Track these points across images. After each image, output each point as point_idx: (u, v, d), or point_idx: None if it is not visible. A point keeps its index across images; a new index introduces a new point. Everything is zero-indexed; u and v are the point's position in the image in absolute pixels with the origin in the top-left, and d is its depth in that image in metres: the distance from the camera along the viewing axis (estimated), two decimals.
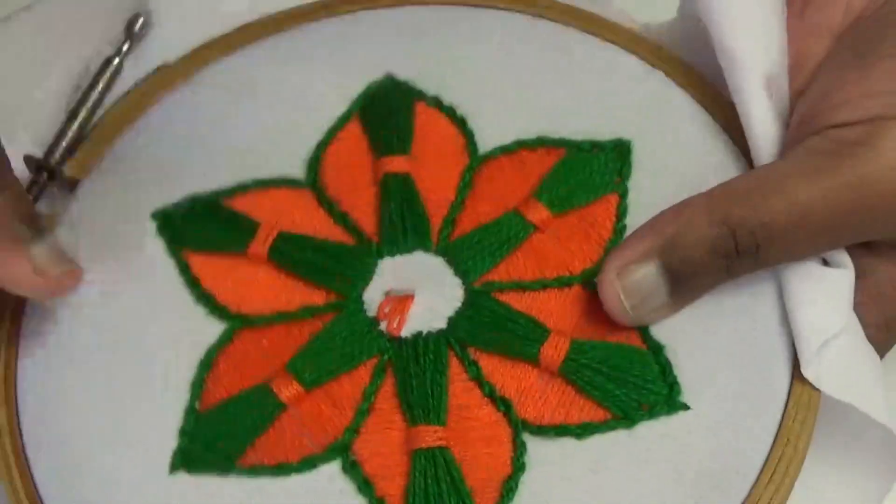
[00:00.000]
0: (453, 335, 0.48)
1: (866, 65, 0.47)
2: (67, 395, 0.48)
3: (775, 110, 0.50)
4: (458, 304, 0.49)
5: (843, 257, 0.48)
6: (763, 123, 0.50)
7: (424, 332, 0.48)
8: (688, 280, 0.47)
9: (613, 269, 0.47)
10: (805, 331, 0.46)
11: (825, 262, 0.48)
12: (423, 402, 0.46)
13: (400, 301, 0.49)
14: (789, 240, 0.46)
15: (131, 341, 0.49)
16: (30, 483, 0.47)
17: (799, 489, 0.46)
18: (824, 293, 0.47)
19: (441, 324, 0.48)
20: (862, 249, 0.49)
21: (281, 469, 0.46)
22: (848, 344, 0.46)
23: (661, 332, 0.48)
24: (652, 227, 0.47)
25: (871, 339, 0.48)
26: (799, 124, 0.48)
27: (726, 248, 0.46)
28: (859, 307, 0.48)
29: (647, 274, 0.46)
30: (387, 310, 0.49)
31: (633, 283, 0.47)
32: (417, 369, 0.47)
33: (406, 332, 0.48)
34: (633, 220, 0.50)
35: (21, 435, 0.48)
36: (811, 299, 0.47)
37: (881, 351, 0.50)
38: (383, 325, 0.48)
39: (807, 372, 0.46)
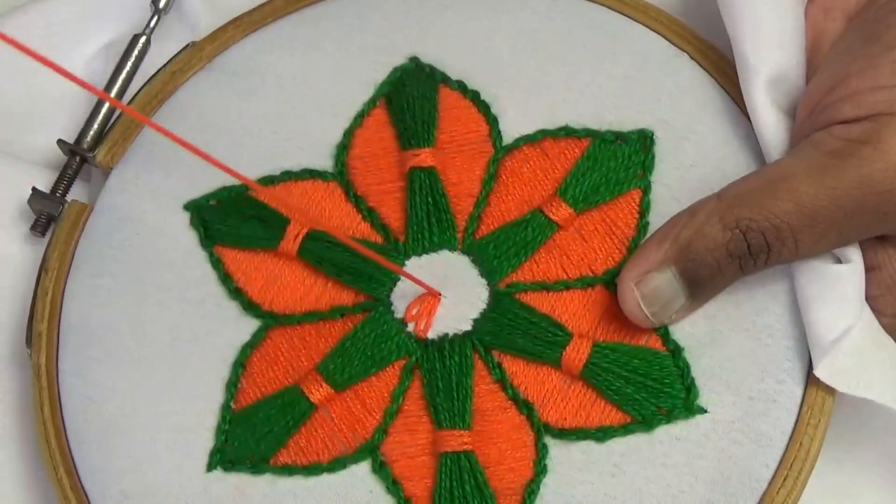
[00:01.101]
0: (478, 337, 0.49)
1: (871, 55, 0.47)
2: (106, 391, 0.50)
3: (782, 109, 0.50)
4: (483, 306, 0.50)
5: (853, 251, 0.48)
6: (767, 126, 0.50)
7: (450, 333, 0.50)
8: (704, 283, 0.48)
9: (631, 278, 0.48)
10: (815, 330, 0.47)
11: (836, 258, 0.49)
12: (449, 406, 0.48)
13: (427, 303, 0.50)
14: (799, 239, 0.47)
15: (168, 337, 0.51)
16: (75, 479, 0.49)
17: (825, 489, 0.48)
18: (833, 290, 0.48)
19: (466, 326, 0.50)
20: (875, 242, 0.49)
21: (312, 469, 0.48)
22: (861, 339, 0.47)
23: (680, 334, 0.49)
24: (666, 233, 0.48)
25: (891, 329, 0.49)
26: (806, 117, 0.49)
27: (739, 250, 0.47)
28: (876, 300, 0.49)
29: (664, 281, 0.48)
30: (414, 311, 0.50)
31: (652, 291, 0.48)
32: (444, 371, 0.49)
33: (433, 333, 0.50)
34: (656, 217, 0.51)
35: (65, 433, 0.50)
36: (820, 297, 0.48)
37: None
38: (411, 327, 0.50)
39: (819, 371, 0.47)
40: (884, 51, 0.47)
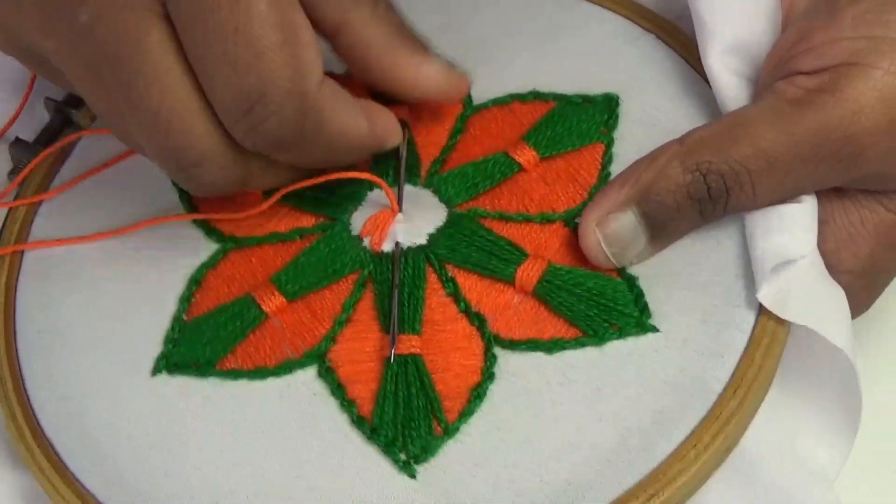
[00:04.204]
0: (432, 251, 0.49)
1: (834, 10, 0.48)
2: (58, 305, 0.51)
3: (743, 75, 0.51)
4: (440, 223, 0.50)
5: (806, 196, 0.48)
6: (727, 89, 0.51)
7: (405, 246, 0.49)
8: (665, 225, 0.48)
9: (593, 219, 0.48)
10: (761, 258, 0.47)
11: None
12: (399, 313, 0.48)
13: (382, 217, 0.50)
14: (756, 184, 0.47)
15: (129, 261, 0.51)
16: (19, 383, 0.49)
17: (777, 426, 0.47)
18: (781, 225, 0.47)
19: (422, 240, 0.50)
20: (830, 194, 0.49)
21: (258, 373, 0.48)
22: (804, 273, 0.47)
23: (635, 267, 0.49)
24: (628, 175, 0.49)
25: (849, 286, 0.49)
26: (770, 70, 0.50)
27: (699, 193, 0.47)
28: (831, 255, 0.49)
29: (626, 222, 0.48)
30: (370, 226, 0.50)
31: (613, 231, 0.48)
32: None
33: (388, 247, 0.50)
34: (619, 168, 0.51)
35: (15, 339, 0.50)
36: (768, 229, 0.48)
37: (862, 299, 0.50)
38: (367, 241, 0.50)
39: (759, 294, 0.47)
40: (846, 5, 0.48)
